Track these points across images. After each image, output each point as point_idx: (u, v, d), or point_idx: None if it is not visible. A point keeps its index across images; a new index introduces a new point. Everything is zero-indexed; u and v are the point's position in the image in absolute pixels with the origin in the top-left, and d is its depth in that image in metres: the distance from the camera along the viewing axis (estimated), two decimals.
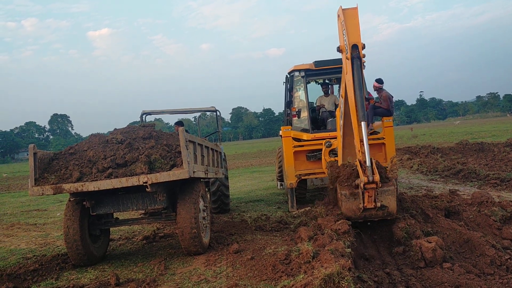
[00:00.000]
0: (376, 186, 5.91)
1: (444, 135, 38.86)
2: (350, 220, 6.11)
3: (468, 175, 12.91)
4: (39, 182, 5.97)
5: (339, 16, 6.97)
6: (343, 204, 6.27)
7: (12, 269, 6.39)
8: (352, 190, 6.18)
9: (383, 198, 6.05)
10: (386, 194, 6.07)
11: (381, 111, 10.28)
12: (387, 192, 6.08)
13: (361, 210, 6.05)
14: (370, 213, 6.12)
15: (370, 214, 6.13)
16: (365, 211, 6.09)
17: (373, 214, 6.12)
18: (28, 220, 11.69)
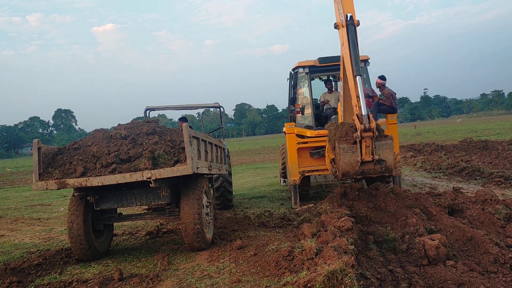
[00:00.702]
0: (372, 134, 5.87)
1: (448, 133, 38.74)
2: (348, 177, 6.04)
3: (472, 173, 12.87)
4: (43, 177, 5.99)
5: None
6: (341, 158, 6.18)
7: (16, 263, 6.43)
8: (350, 144, 6.14)
9: (381, 152, 6.01)
10: (384, 147, 6.04)
11: (385, 108, 10.26)
12: (385, 145, 6.05)
13: (359, 163, 6.01)
14: (368, 167, 6.05)
15: (368, 168, 6.06)
16: (363, 165, 6.03)
17: (371, 169, 6.06)
18: (32, 215, 11.75)
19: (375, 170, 6.12)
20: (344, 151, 6.20)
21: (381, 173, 6.13)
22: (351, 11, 6.95)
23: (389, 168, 6.05)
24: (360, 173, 6.18)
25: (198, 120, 13.11)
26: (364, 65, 10.59)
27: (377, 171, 6.13)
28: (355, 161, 6.10)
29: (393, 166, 6.07)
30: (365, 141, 6.01)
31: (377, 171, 6.12)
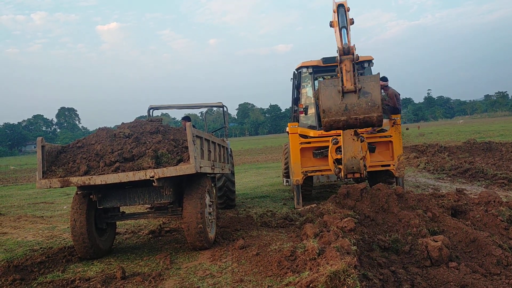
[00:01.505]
0: (353, 57, 5.55)
1: (451, 134, 38.64)
2: (331, 119, 5.55)
3: (476, 174, 12.84)
4: (46, 175, 6.01)
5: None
6: (321, 92, 5.76)
7: (19, 261, 6.44)
8: (332, 79, 5.77)
9: (366, 84, 5.59)
10: (369, 80, 5.64)
11: (389, 109, 10.24)
12: (370, 78, 5.66)
13: (340, 94, 5.54)
14: (351, 101, 5.55)
15: (351, 103, 5.55)
16: (346, 97, 5.55)
17: (355, 105, 5.54)
18: (35, 213, 11.78)
19: (360, 106, 5.56)
20: (325, 85, 5.77)
21: (367, 111, 5.54)
22: (343, 1, 6.87)
23: (375, 102, 5.49)
24: (344, 110, 5.62)
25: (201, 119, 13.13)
26: (368, 65, 10.57)
27: (363, 108, 5.56)
28: (336, 94, 5.59)
29: (379, 100, 5.50)
30: (344, 64, 5.61)
31: (362, 108, 5.56)
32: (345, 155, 8.58)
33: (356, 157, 8.40)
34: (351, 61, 5.68)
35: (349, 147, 8.49)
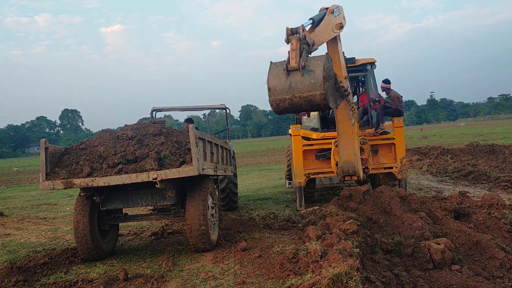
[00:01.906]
0: (299, 37, 5.63)
1: (454, 136, 38.55)
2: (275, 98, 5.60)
3: (478, 177, 12.81)
4: (50, 177, 6.03)
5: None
6: (269, 72, 5.78)
7: (22, 262, 6.46)
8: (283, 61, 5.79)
9: (311, 63, 5.59)
10: (315, 59, 5.65)
11: (391, 111, 10.24)
12: (316, 58, 5.68)
13: (285, 72, 5.58)
14: (295, 79, 5.55)
15: (295, 81, 5.55)
16: (291, 76, 5.56)
17: (298, 82, 5.53)
18: (38, 214, 11.81)
19: (303, 84, 5.53)
20: (274, 66, 5.79)
21: (311, 93, 5.49)
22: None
23: (318, 80, 5.46)
24: (288, 89, 5.61)
25: (204, 121, 13.15)
26: (371, 68, 10.58)
27: (306, 86, 5.52)
28: (282, 72, 5.61)
29: (321, 79, 5.45)
30: (291, 43, 5.64)
31: (305, 85, 5.52)
32: (341, 158, 8.64)
33: (351, 160, 8.45)
34: (297, 40, 5.73)
35: (345, 150, 8.57)
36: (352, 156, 8.50)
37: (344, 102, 8.13)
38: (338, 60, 7.91)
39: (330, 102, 5.76)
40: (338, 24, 7.46)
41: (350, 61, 10.44)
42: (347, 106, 8.19)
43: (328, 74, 5.64)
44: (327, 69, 5.64)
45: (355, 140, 8.47)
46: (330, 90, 5.78)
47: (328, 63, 5.75)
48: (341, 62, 7.95)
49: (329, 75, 5.69)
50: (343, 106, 8.17)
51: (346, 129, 8.46)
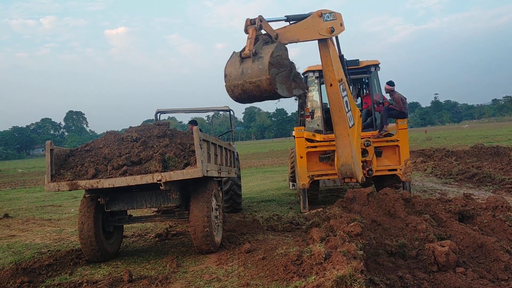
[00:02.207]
0: (255, 27, 5.95)
1: (458, 138, 38.42)
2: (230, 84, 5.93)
3: (483, 179, 12.77)
4: (55, 178, 6.06)
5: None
6: (229, 60, 6.10)
7: (27, 263, 6.49)
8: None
9: (262, 50, 5.86)
10: (267, 47, 5.92)
11: (395, 113, 10.23)
12: (269, 45, 5.96)
13: (240, 59, 5.88)
14: (247, 65, 5.84)
15: (247, 67, 5.83)
16: (244, 63, 5.85)
17: (249, 68, 5.82)
18: (43, 216, 11.87)
19: (253, 70, 5.80)
20: (234, 54, 6.06)
21: (258, 79, 5.76)
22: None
23: (265, 67, 5.71)
24: (240, 75, 5.89)
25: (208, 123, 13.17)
26: (375, 70, 10.57)
27: (254, 71, 5.78)
28: (238, 59, 5.91)
29: (267, 64, 5.71)
30: (249, 32, 5.95)
31: (254, 70, 5.79)
32: (338, 160, 8.81)
33: (348, 163, 8.50)
34: (254, 29, 6.06)
35: (342, 152, 8.65)
36: (349, 159, 8.55)
37: (338, 104, 8.23)
38: (330, 64, 8.11)
39: (280, 89, 5.96)
40: (328, 28, 7.67)
41: (354, 63, 10.43)
42: (342, 109, 8.26)
43: (277, 61, 5.88)
44: (276, 56, 5.87)
45: (352, 143, 8.51)
46: (281, 77, 5.98)
47: (279, 51, 5.98)
48: (333, 66, 8.09)
49: (279, 62, 5.91)
50: (338, 108, 8.26)
51: (342, 132, 8.55)
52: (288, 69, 6.09)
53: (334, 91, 8.26)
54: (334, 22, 7.87)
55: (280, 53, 5.97)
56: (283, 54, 6.04)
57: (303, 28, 7.21)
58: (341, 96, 8.25)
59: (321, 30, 7.59)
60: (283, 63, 6.01)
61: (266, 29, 6.33)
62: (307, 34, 7.31)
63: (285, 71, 6.03)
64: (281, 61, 5.95)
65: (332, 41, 8.09)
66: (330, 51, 8.04)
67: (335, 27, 7.82)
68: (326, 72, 8.28)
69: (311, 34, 7.41)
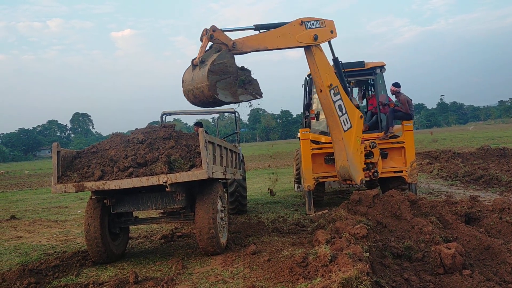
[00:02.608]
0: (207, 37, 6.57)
1: (465, 140, 38.23)
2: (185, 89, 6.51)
3: (490, 181, 12.69)
4: (62, 180, 6.10)
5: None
6: (186, 69, 6.69)
7: (33, 264, 6.53)
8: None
9: (207, 58, 6.39)
10: (211, 55, 6.44)
11: (401, 115, 10.20)
12: (214, 54, 6.46)
13: (192, 66, 6.46)
14: (196, 72, 6.40)
15: (196, 74, 6.38)
16: (195, 70, 6.45)
17: (196, 74, 6.38)
18: (49, 217, 11.93)
19: (198, 76, 6.33)
20: (192, 65, 6.58)
21: (202, 84, 6.30)
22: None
23: (205, 74, 6.24)
24: (191, 81, 6.43)
25: (213, 125, 13.20)
26: (380, 71, 10.55)
27: (199, 78, 6.31)
28: (191, 66, 6.52)
29: (207, 74, 6.25)
30: (202, 41, 6.54)
31: (199, 77, 6.31)
32: (337, 163, 8.98)
33: (345, 166, 8.57)
34: (207, 39, 6.66)
35: (339, 156, 8.74)
36: (345, 162, 8.62)
37: (330, 109, 8.30)
38: (317, 71, 8.26)
39: (222, 95, 6.45)
40: (311, 35, 7.88)
41: (359, 64, 10.43)
42: (335, 113, 8.32)
43: (219, 68, 6.43)
44: (218, 64, 6.39)
45: (348, 146, 8.56)
46: (224, 84, 6.49)
47: (222, 59, 6.50)
48: (320, 72, 8.21)
49: (221, 69, 6.45)
50: (330, 113, 8.35)
51: (337, 136, 8.65)
52: (233, 76, 6.60)
53: (324, 97, 8.40)
54: (320, 30, 8.07)
55: (224, 61, 6.52)
56: (228, 62, 6.58)
57: (275, 37, 7.53)
58: (332, 101, 8.37)
59: (301, 37, 7.82)
60: (227, 70, 6.54)
61: (220, 38, 6.84)
62: (279, 42, 7.58)
63: (230, 77, 6.54)
64: (224, 69, 6.50)
65: (318, 48, 8.21)
66: (316, 58, 8.18)
67: (319, 35, 7.99)
68: (315, 79, 8.46)
69: (285, 42, 7.66)
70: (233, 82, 6.58)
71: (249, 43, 7.21)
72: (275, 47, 7.55)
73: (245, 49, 7.15)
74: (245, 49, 7.16)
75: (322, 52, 8.29)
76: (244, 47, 7.13)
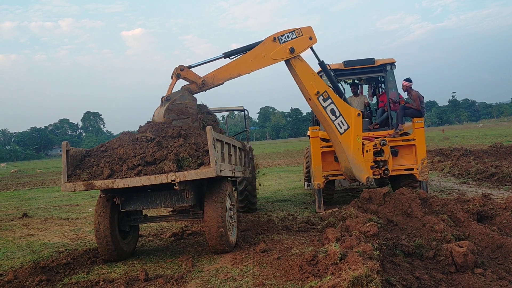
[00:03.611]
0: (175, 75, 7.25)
1: (477, 137, 37.83)
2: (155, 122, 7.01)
3: (502, 178, 12.54)
4: (71, 179, 6.13)
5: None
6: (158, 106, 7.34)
7: (45, 262, 6.59)
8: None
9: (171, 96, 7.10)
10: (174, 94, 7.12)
11: (411, 112, 10.10)
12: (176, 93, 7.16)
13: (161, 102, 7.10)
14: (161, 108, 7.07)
15: (160, 110, 7.05)
16: (163, 106, 7.03)
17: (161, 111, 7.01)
18: (60, 215, 12.04)
19: (160, 113, 7.02)
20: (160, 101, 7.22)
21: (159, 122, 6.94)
22: None
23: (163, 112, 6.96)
24: (157, 115, 7.19)
25: (223, 123, 13.21)
26: (390, 68, 10.46)
27: (160, 114, 7.03)
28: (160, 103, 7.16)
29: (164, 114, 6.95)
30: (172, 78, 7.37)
31: (160, 113, 7.04)
32: (341, 165, 9.07)
33: (348, 167, 8.57)
34: (176, 78, 7.23)
35: (341, 157, 8.80)
36: (347, 163, 8.58)
37: (322, 115, 8.35)
38: (300, 82, 8.29)
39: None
40: (287, 49, 7.94)
41: (369, 61, 10.35)
42: (327, 119, 8.32)
43: (178, 109, 7.04)
44: (177, 104, 7.04)
45: (348, 148, 8.53)
46: (181, 123, 7.02)
47: (183, 100, 7.11)
48: (304, 83, 8.23)
49: (180, 110, 7.08)
50: (323, 119, 8.42)
51: (335, 139, 8.66)
52: (192, 117, 7.14)
53: (314, 104, 8.42)
54: (296, 41, 8.08)
55: (185, 102, 7.11)
56: (188, 103, 7.15)
57: (247, 61, 7.65)
58: (322, 107, 8.38)
59: (276, 54, 7.89)
60: (187, 111, 7.10)
61: (188, 77, 7.29)
62: (253, 65, 7.67)
63: (188, 118, 7.08)
64: (183, 109, 7.07)
65: (297, 59, 8.18)
66: (297, 70, 8.18)
67: (295, 46, 8.00)
68: (301, 89, 8.50)
69: (259, 64, 7.73)
70: (190, 123, 7.06)
71: (220, 75, 7.44)
72: (249, 71, 7.66)
73: (217, 82, 7.44)
74: (217, 82, 7.45)
75: (302, 61, 8.25)
76: (216, 81, 7.43)
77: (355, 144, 8.61)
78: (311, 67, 8.36)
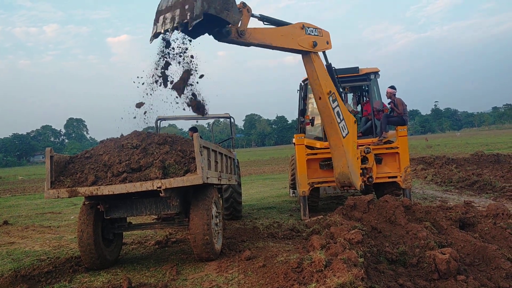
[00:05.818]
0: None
1: (459, 146, 38.43)
2: None
3: (484, 186, 12.75)
4: (55, 185, 6.05)
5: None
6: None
7: (26, 270, 6.46)
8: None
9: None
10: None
11: (395, 120, 10.25)
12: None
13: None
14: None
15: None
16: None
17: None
18: (42, 223, 11.83)
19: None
20: None
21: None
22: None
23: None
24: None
25: (208, 130, 13.19)
26: (375, 77, 10.60)
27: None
28: None
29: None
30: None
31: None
32: (335, 170, 8.94)
33: (345, 172, 8.56)
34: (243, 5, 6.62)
35: (338, 162, 8.70)
36: (346, 168, 8.60)
37: (330, 116, 8.32)
38: (316, 78, 8.25)
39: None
40: (311, 41, 7.85)
41: (354, 70, 10.48)
42: (334, 120, 8.33)
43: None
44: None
45: (348, 152, 8.55)
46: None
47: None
48: (319, 80, 8.21)
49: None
50: (330, 120, 8.36)
51: (337, 142, 8.63)
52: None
53: (324, 104, 8.38)
54: (319, 38, 8.07)
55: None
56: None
57: (279, 35, 7.34)
58: (331, 107, 8.36)
59: (302, 41, 7.75)
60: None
61: (244, 19, 6.58)
62: (282, 41, 7.41)
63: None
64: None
65: (317, 55, 8.22)
66: (315, 65, 8.17)
67: (318, 42, 7.99)
68: (314, 86, 8.42)
69: (287, 43, 7.51)
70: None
71: (256, 35, 6.91)
72: (278, 46, 7.36)
73: (250, 40, 6.83)
74: (251, 40, 6.85)
75: (320, 59, 8.31)
76: (251, 38, 6.82)
77: (353, 150, 8.70)
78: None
